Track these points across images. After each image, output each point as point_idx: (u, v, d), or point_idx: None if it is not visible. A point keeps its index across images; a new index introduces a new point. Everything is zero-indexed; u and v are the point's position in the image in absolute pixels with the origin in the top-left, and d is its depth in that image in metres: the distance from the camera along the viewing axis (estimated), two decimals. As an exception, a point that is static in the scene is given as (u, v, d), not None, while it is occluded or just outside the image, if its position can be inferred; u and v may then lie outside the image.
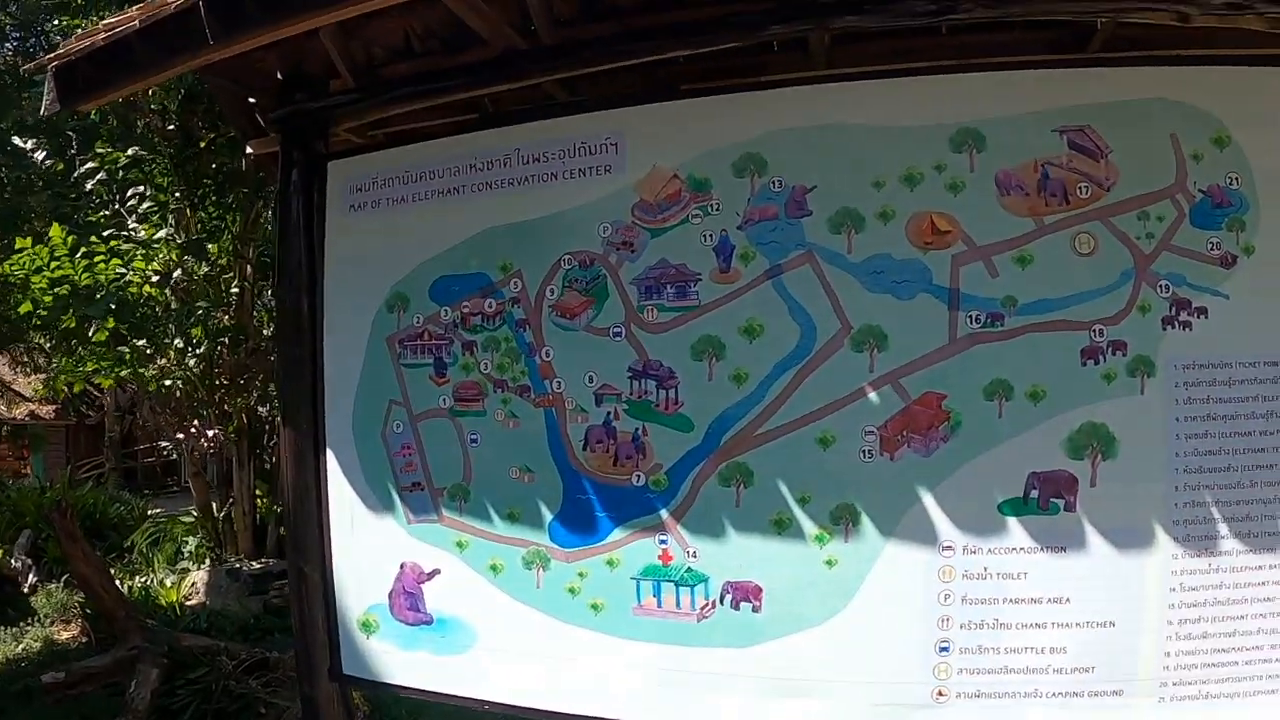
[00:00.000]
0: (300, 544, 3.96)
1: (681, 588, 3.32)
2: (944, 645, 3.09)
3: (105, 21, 3.87)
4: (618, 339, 3.45)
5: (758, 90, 3.56)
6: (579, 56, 3.67)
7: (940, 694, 3.10)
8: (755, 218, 3.33)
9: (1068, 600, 3.03)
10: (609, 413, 3.44)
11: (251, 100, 4.54)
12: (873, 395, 3.17)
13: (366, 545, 3.83)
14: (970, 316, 3.12)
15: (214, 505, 9.97)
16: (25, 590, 9.88)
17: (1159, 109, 3.11)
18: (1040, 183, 3.13)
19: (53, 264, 7.65)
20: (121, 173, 8.07)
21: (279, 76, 4.15)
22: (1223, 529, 2.97)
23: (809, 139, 3.31)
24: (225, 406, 8.80)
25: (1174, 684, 2.97)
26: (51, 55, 3.87)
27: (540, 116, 3.75)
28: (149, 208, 8.09)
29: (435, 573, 3.67)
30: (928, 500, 3.12)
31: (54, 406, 18.20)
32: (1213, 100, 3.10)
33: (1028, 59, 3.70)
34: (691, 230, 3.39)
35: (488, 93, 4.09)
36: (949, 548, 3.10)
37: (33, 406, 18.29)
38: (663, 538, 3.36)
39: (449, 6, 3.46)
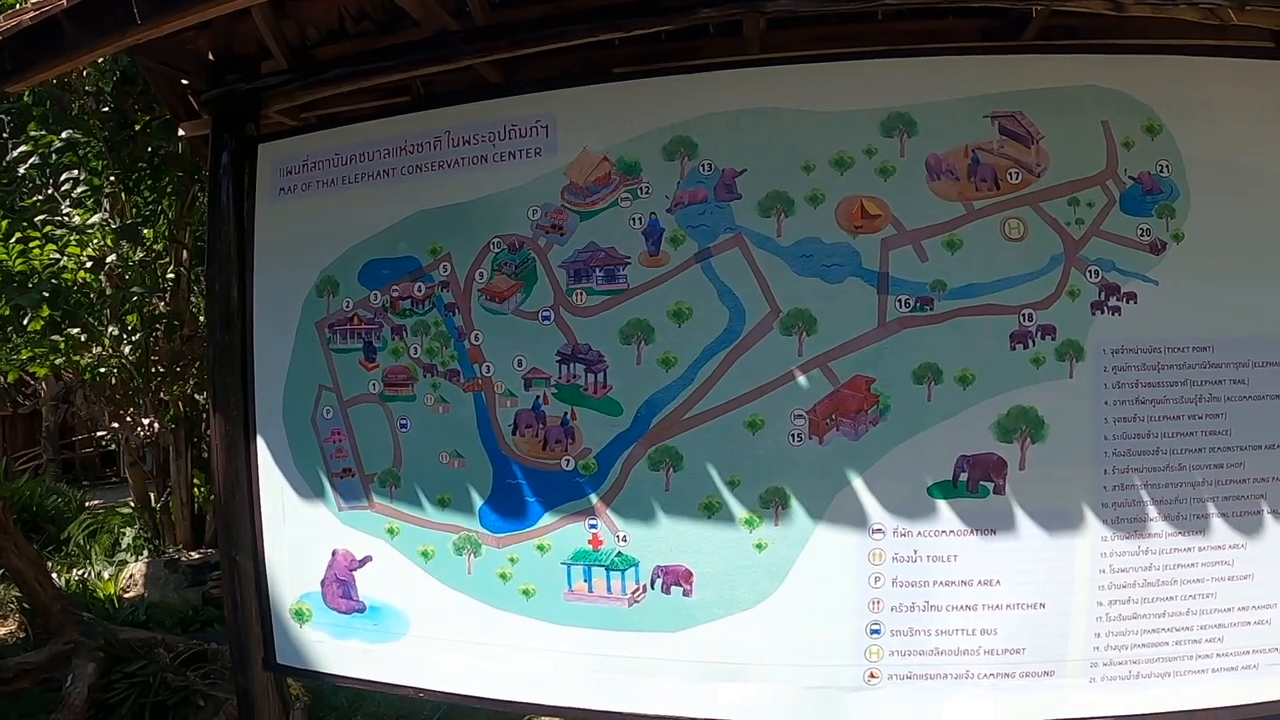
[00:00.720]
0: (232, 533, 3.90)
1: (612, 572, 3.32)
2: (875, 627, 3.12)
3: (34, 0, 3.79)
4: (546, 323, 3.43)
5: (688, 74, 3.54)
6: (512, 38, 3.65)
7: (872, 676, 3.13)
8: (685, 201, 3.32)
9: (998, 582, 3.06)
10: (538, 397, 3.42)
11: (184, 82, 4.48)
12: (801, 379, 3.18)
13: (298, 533, 3.78)
14: (899, 300, 3.14)
15: (152, 496, 9.84)
16: (-42, 587, 9.71)
17: (1091, 96, 3.15)
18: (970, 167, 3.15)
19: (-16, 250, 7.52)
20: (55, 156, 7.91)
21: (210, 57, 4.09)
22: (1151, 511, 3.02)
23: (740, 122, 3.31)
24: (162, 395, 8.68)
25: (1104, 664, 3.03)
26: (-21, 36, 3.79)
27: (471, 99, 3.71)
28: (83, 192, 7.93)
29: (367, 559, 3.63)
30: (857, 483, 3.14)
31: (-13, 397, 17.89)
32: (1145, 88, 3.14)
33: (962, 45, 3.74)
34: (621, 213, 3.38)
35: (421, 74, 4.07)
36: (879, 530, 3.12)
37: (-34, 397, 17.98)
38: (592, 522, 3.35)
39: (379, -15, 3.42)
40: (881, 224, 3.17)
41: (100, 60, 7.01)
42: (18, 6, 5.39)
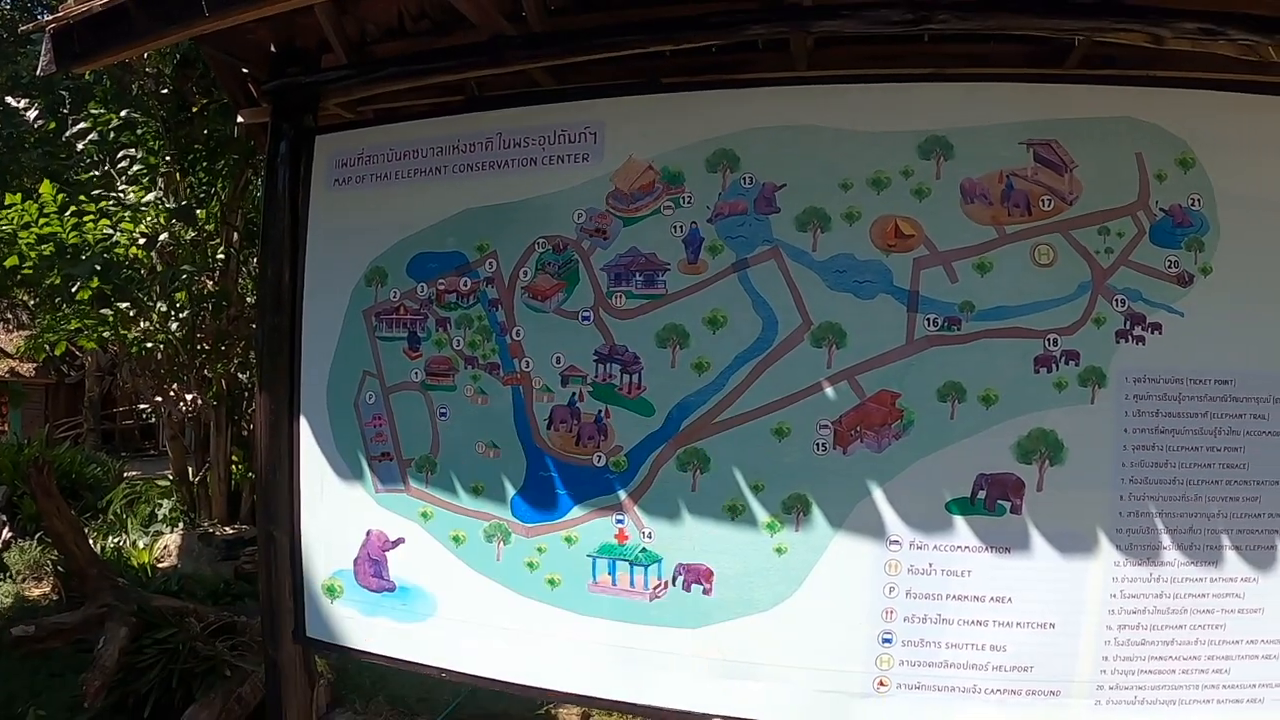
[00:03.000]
0: (271, 508, 4.01)
1: (636, 567, 3.38)
2: (887, 637, 3.14)
3: (105, -15, 3.91)
4: (586, 323, 3.50)
5: (734, 88, 3.62)
6: (566, 46, 3.72)
7: (881, 684, 3.15)
8: (725, 212, 3.38)
9: (1009, 600, 3.07)
10: (574, 394, 3.50)
11: (244, 70, 4.58)
12: (829, 390, 3.23)
13: (334, 511, 3.87)
14: (928, 319, 3.18)
15: (190, 470, 9.95)
16: (-1, 546, 9.90)
17: (1126, 127, 3.15)
18: (1004, 193, 3.17)
19: (41, 220, 7.65)
20: (113, 134, 8.05)
21: (272, 49, 4.19)
22: (1165, 539, 3.00)
23: (782, 138, 3.36)
24: (205, 372, 8.79)
25: (1110, 688, 3.01)
26: (50, 18, 3.90)
27: (523, 103, 3.81)
28: (139, 170, 8.07)
29: (400, 541, 3.72)
30: (877, 495, 3.17)
31: (34, 365, 18.12)
32: (1180, 122, 3.13)
33: (1003, 71, 3.77)
34: (663, 221, 3.45)
35: (475, 76, 4.15)
36: (896, 542, 3.15)
37: (13, 363, 18.22)
38: (620, 518, 3.41)
39: (440, -10, 3.52)
40: (914, 244, 3.21)
41: (162, 44, 7.14)
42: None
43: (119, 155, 8.14)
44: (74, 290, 7.72)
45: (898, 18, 3.29)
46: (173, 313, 8.16)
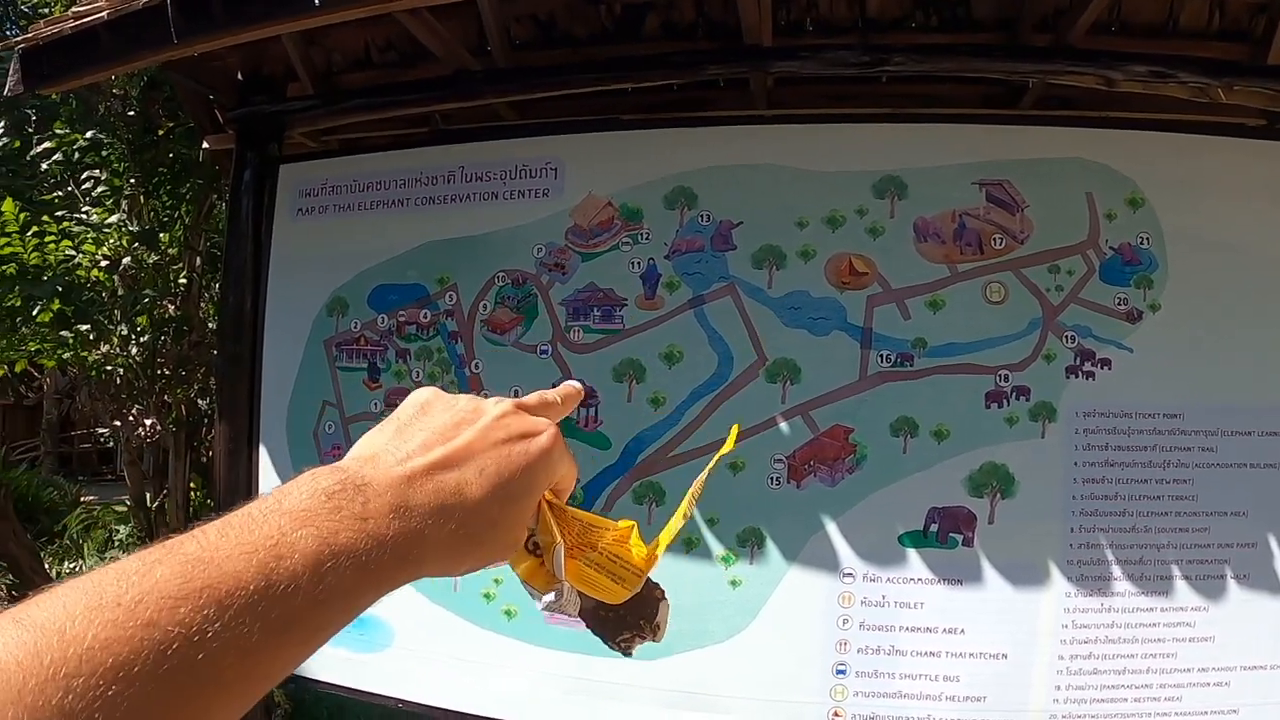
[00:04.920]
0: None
1: (592, 599, 3.37)
2: (841, 668, 3.15)
3: (75, 9, 3.91)
4: (544, 356, 3.53)
5: (694, 126, 3.68)
6: (529, 82, 3.79)
7: (836, 715, 3.15)
8: (682, 248, 3.43)
9: (962, 631, 3.10)
10: (531, 427, 3.50)
11: (211, 97, 4.60)
12: (783, 425, 3.27)
13: (293, 541, 3.85)
14: (881, 355, 3.22)
15: (148, 495, 9.84)
16: (-51, 569, 9.74)
17: (1077, 168, 3.23)
18: (957, 231, 3.24)
19: (1, 240, 7.58)
20: (78, 155, 8.00)
21: (239, 77, 4.21)
22: (1116, 570, 3.05)
23: (739, 176, 3.41)
24: (165, 397, 8.69)
25: (1063, 717, 3.03)
26: (19, 39, 3.91)
27: (486, 137, 3.87)
28: (103, 192, 7.99)
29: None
30: (831, 528, 3.20)
31: (-10, 386, 17.92)
32: (1130, 163, 3.21)
33: (957, 112, 3.85)
34: (621, 256, 3.49)
35: (439, 109, 4.19)
36: (849, 574, 3.17)
37: (-31, 384, 18.00)
38: (576, 550, 3.41)
39: (405, 24, 3.55)
40: (868, 281, 3.26)
41: (128, 67, 7.12)
42: (57, 13, 5.51)
43: (83, 176, 8.08)
44: (35, 312, 7.65)
45: (855, 59, 3.36)
46: (134, 337, 8.08)
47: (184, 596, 0.47)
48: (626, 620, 0.84)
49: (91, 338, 7.96)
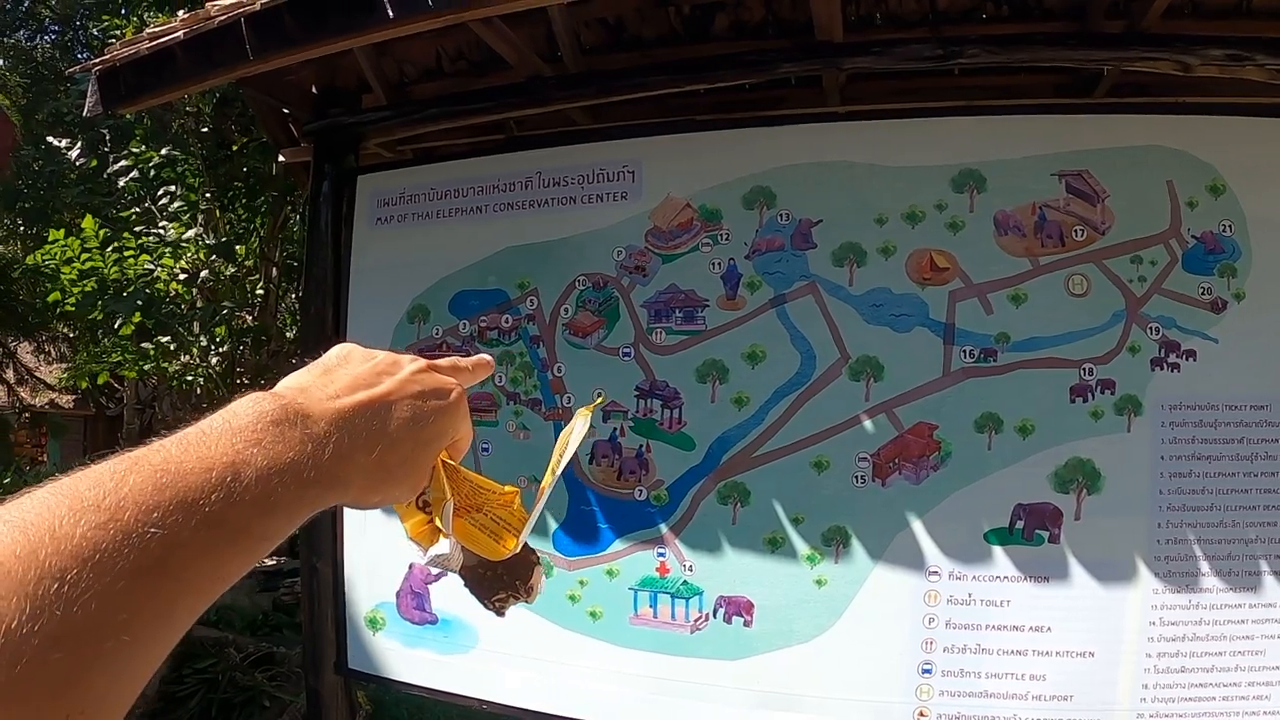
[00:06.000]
0: (314, 541, 4.06)
1: (677, 599, 3.40)
2: (927, 667, 3.13)
3: (150, 30, 4.00)
4: (627, 359, 3.55)
5: (768, 125, 3.67)
6: (601, 86, 3.81)
7: (922, 714, 3.14)
8: (762, 248, 3.43)
9: (1049, 629, 3.06)
10: (615, 429, 3.53)
11: (285, 111, 4.68)
12: (867, 423, 3.25)
13: (378, 545, 3.90)
14: (964, 351, 3.20)
15: (230, 502, 10.01)
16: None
17: (1157, 156, 3.17)
18: (1037, 224, 3.20)
19: (83, 255, 7.78)
20: (154, 172, 8.19)
21: (313, 90, 4.29)
22: (1204, 566, 2.99)
23: (817, 175, 3.40)
24: (245, 406, 8.86)
25: (1150, 716, 2.99)
26: (96, 61, 4.01)
27: (561, 142, 3.88)
28: (179, 207, 8.19)
29: (443, 574, 3.73)
30: (916, 526, 3.18)
31: (73, 397, 18.30)
32: (1210, 149, 3.15)
33: (1033, 103, 3.81)
34: (701, 258, 3.50)
35: (513, 116, 4.23)
36: (935, 573, 3.15)
37: (53, 395, 18.40)
38: (661, 551, 3.44)
39: (477, 32, 3.59)
40: (950, 277, 3.24)
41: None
42: (129, 35, 5.64)
43: (159, 192, 8.27)
44: (116, 325, 7.84)
45: (929, 53, 3.35)
46: (213, 347, 8.25)
47: (156, 504, 0.53)
48: (503, 580, 0.89)
49: (172, 349, 8.14)
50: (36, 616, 0.45)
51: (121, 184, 8.37)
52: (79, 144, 8.67)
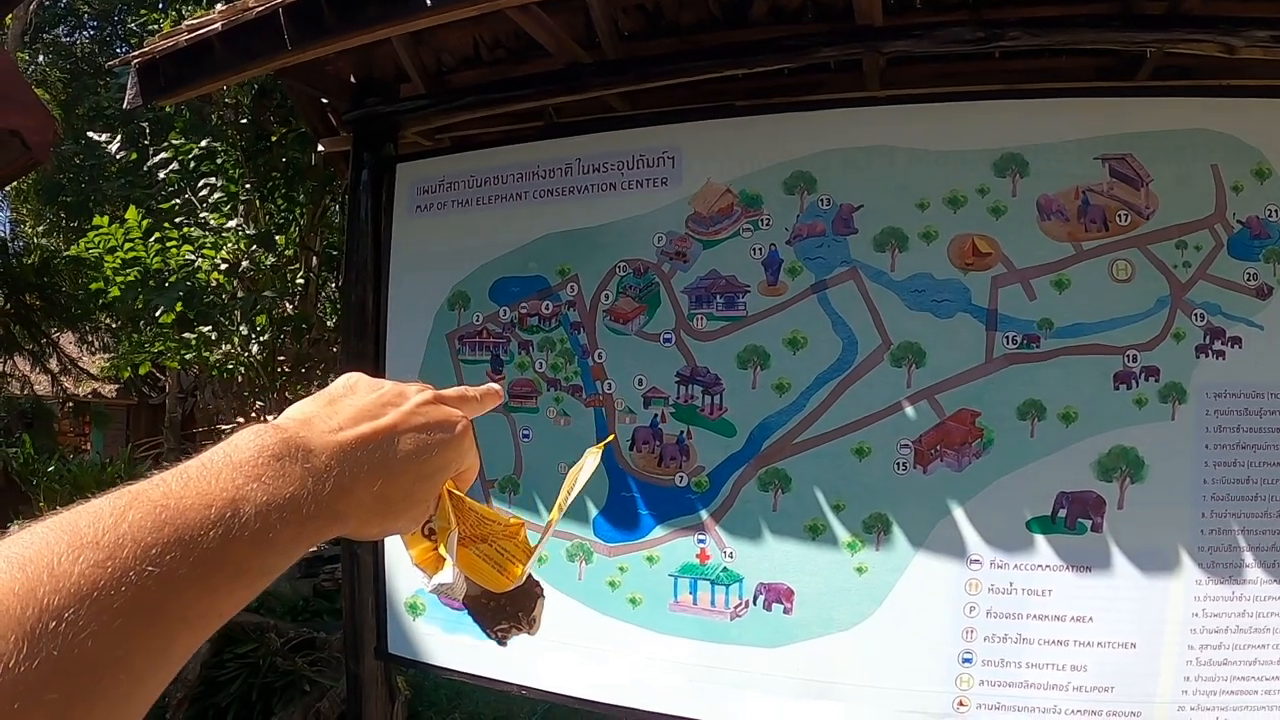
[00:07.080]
0: (355, 528, 4.07)
1: (717, 586, 3.39)
2: (967, 656, 3.11)
3: (188, 22, 4.03)
4: (668, 345, 3.55)
5: (808, 110, 3.65)
6: (640, 72, 3.80)
7: (961, 703, 3.12)
8: (803, 234, 3.41)
9: (1090, 619, 3.03)
10: (656, 415, 3.54)
11: (324, 101, 4.72)
12: (909, 410, 3.23)
13: (418, 531, 3.92)
14: (1007, 337, 3.17)
15: (271, 489, 10.09)
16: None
17: (1201, 140, 3.12)
18: (1080, 209, 3.16)
19: (126, 245, 7.88)
20: (194, 163, 8.28)
21: (351, 80, 4.31)
22: (1248, 557, 2.94)
23: (857, 159, 3.38)
24: (286, 394, 8.95)
25: (1192, 709, 2.95)
26: (135, 53, 4.05)
27: (600, 128, 3.88)
28: (219, 198, 8.27)
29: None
30: (958, 514, 3.16)
31: (116, 386, 18.53)
32: (1255, 132, 3.10)
33: (1075, 85, 3.78)
34: (742, 243, 3.48)
35: (552, 103, 4.24)
36: (976, 561, 3.13)
37: (96, 385, 18.64)
38: (701, 537, 3.43)
39: (515, 20, 3.60)
40: (992, 262, 3.21)
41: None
42: (167, 28, 5.69)
43: (199, 184, 8.35)
44: (158, 314, 7.93)
45: (969, 36, 3.32)
46: (254, 336, 8.33)
47: (155, 541, 0.54)
48: (506, 611, 0.90)
49: (213, 338, 8.23)
50: (34, 655, 0.46)
51: (161, 176, 8.47)
52: (119, 138, 8.76)
